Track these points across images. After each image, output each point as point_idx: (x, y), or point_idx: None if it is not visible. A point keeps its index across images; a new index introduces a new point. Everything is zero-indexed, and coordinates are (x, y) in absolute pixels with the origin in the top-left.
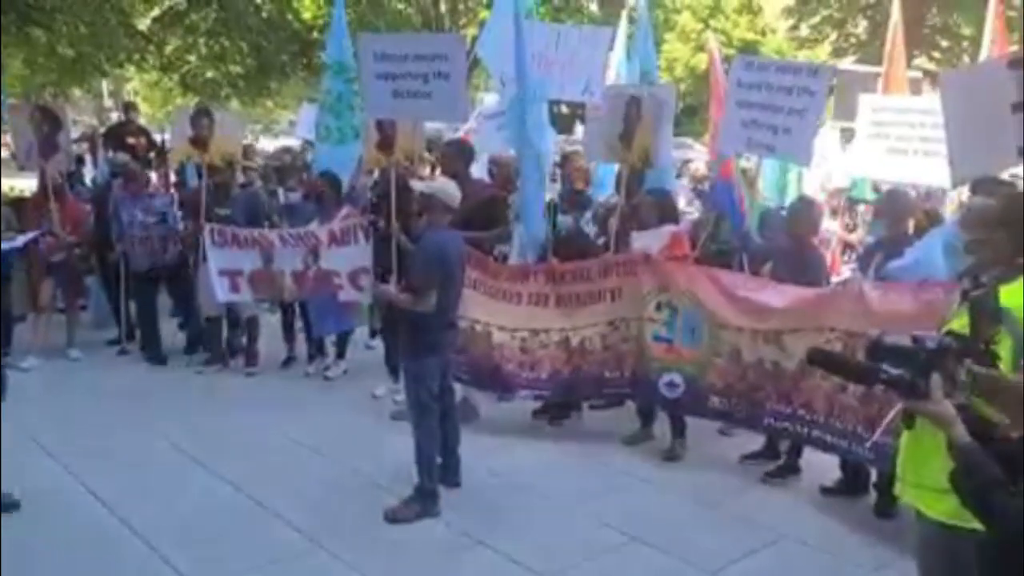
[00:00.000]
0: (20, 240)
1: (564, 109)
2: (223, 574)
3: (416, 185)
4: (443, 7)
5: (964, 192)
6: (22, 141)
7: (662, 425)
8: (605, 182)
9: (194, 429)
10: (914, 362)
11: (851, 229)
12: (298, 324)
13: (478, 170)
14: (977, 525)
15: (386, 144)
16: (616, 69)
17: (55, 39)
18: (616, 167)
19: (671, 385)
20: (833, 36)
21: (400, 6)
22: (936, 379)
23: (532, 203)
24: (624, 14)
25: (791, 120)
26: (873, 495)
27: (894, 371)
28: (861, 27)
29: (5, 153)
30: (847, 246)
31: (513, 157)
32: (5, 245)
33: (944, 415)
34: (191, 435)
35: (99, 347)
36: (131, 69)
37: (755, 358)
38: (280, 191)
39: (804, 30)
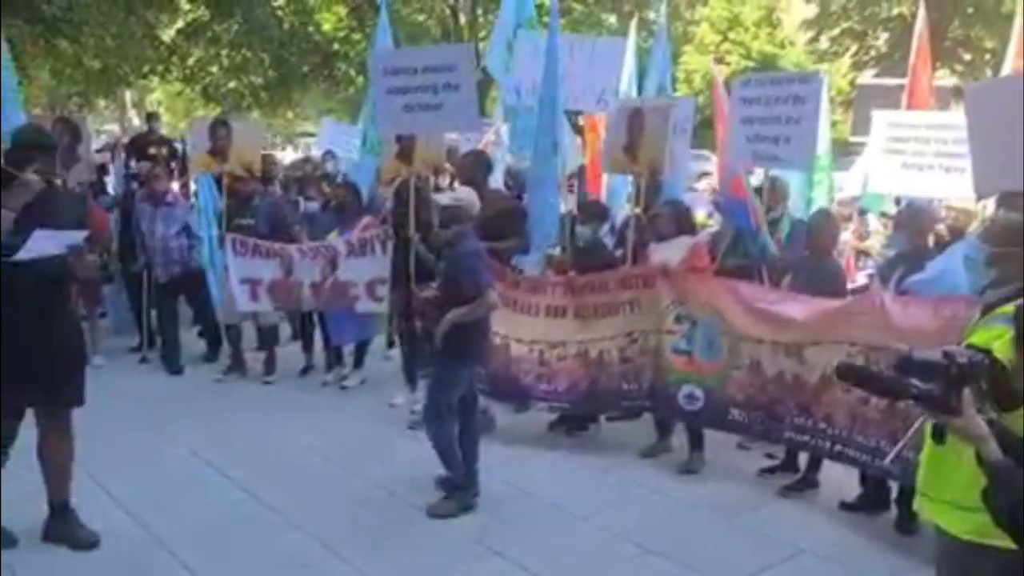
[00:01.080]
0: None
1: (581, 121)
2: None
3: (439, 199)
4: (462, 19)
5: (990, 206)
6: None
7: (680, 438)
8: (618, 194)
9: (213, 436)
10: (945, 377)
11: (863, 237)
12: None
13: (493, 181)
14: (998, 543)
15: (405, 154)
16: (627, 81)
17: (82, 50)
18: (630, 179)
19: (690, 398)
20: (853, 49)
21: (420, 18)
22: (967, 395)
23: (544, 209)
24: (633, 25)
25: (790, 129)
26: (894, 511)
27: (924, 386)
28: (882, 39)
29: None
30: (860, 253)
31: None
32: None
33: (976, 431)
34: (210, 442)
35: (121, 354)
36: (155, 80)
37: (775, 371)
38: (300, 200)
39: (824, 43)
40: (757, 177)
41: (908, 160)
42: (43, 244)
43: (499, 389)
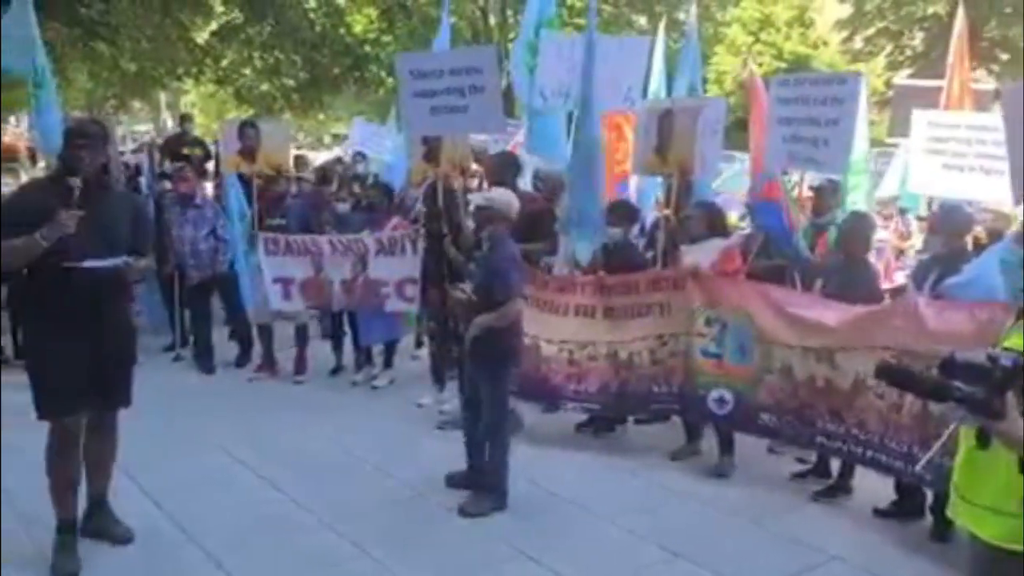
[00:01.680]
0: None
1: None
2: None
3: (473, 198)
4: (492, 20)
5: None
6: None
7: (709, 441)
8: (648, 195)
9: (244, 435)
10: (989, 380)
11: (904, 237)
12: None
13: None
14: None
15: (432, 156)
16: (657, 82)
17: (118, 53)
18: (660, 180)
19: (720, 401)
20: (888, 49)
21: (451, 20)
22: (1011, 398)
23: (588, 209)
24: (661, 26)
25: (827, 131)
26: (929, 518)
27: (968, 388)
28: (918, 39)
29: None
30: (901, 253)
31: (558, 171)
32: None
33: (1019, 434)
34: (241, 440)
35: (154, 353)
36: (188, 82)
37: (806, 376)
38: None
39: (858, 43)
40: (809, 179)
41: (949, 161)
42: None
43: (528, 389)
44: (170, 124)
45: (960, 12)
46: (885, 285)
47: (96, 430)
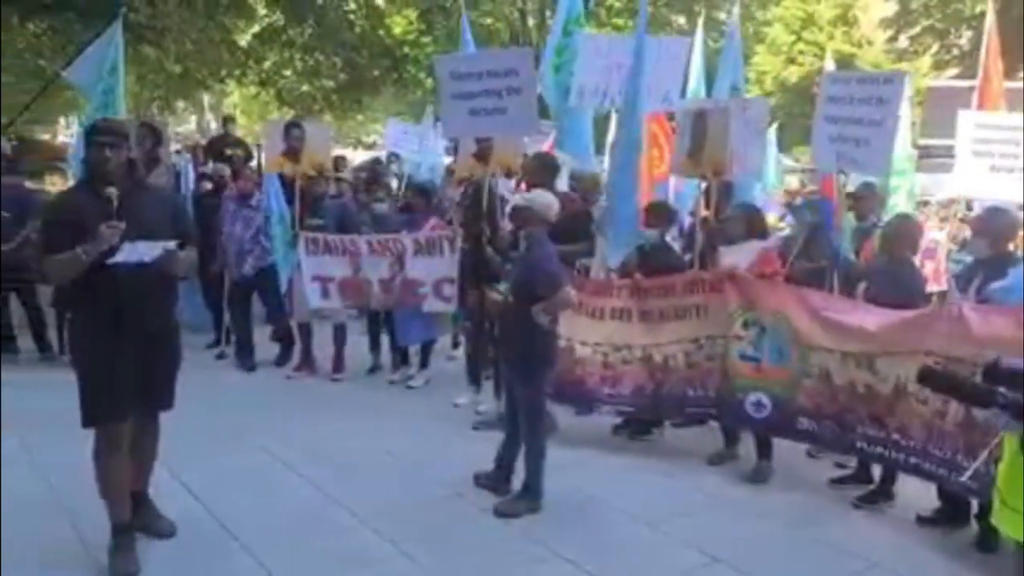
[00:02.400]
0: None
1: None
2: (310, 574)
3: (514, 198)
4: (531, 21)
5: None
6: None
7: (747, 446)
8: (686, 196)
9: (282, 432)
10: None
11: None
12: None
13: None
14: None
15: (482, 155)
16: (696, 82)
17: (164, 56)
18: (698, 182)
19: (758, 405)
20: (935, 48)
21: (488, 21)
22: None
23: (623, 212)
24: (700, 25)
25: (870, 131)
26: (974, 527)
27: (1011, 395)
28: (965, 38)
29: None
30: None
31: (593, 172)
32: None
33: None
34: (280, 438)
35: (195, 350)
36: (231, 83)
37: (846, 380)
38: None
39: (903, 42)
40: (854, 181)
41: (996, 163)
42: (136, 251)
43: (563, 392)
44: (213, 125)
45: (990, 12)
46: (935, 288)
47: (141, 432)
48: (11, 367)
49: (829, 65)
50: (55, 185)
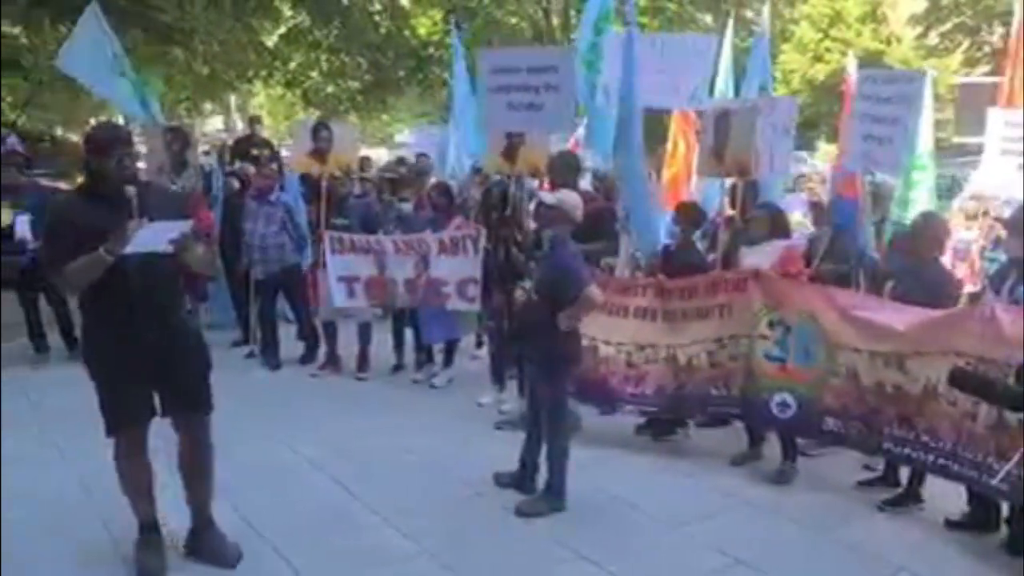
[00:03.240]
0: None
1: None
2: (334, 572)
3: (544, 197)
4: (555, 20)
5: None
6: (153, 159)
7: (771, 446)
8: (711, 196)
9: (307, 430)
10: None
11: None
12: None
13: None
14: None
15: (510, 153)
16: (724, 82)
17: (192, 57)
18: (722, 182)
19: (783, 406)
20: (965, 45)
21: (513, 21)
22: None
23: (640, 209)
24: (730, 24)
25: (891, 130)
26: (1004, 531)
27: None
28: (997, 34)
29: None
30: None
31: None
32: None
33: None
34: (304, 436)
35: (221, 349)
36: (258, 84)
37: (874, 381)
38: (395, 201)
39: (933, 38)
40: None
41: None
42: (147, 239)
43: (586, 391)
44: (240, 126)
45: (1018, 9)
46: (969, 288)
47: (185, 436)
48: (40, 366)
49: (851, 65)
50: None
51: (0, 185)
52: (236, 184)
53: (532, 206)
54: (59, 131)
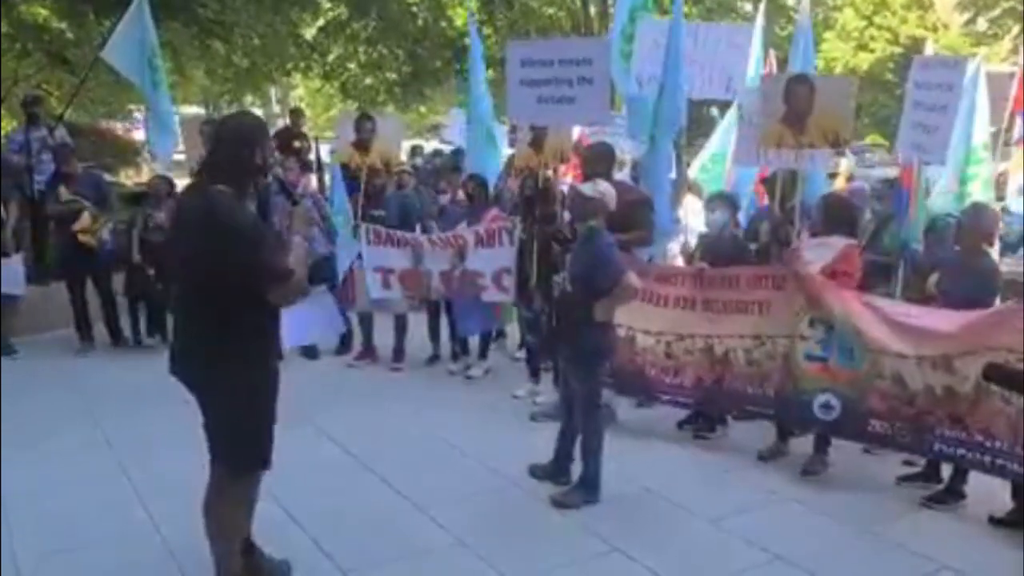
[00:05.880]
0: None
1: (715, 111)
2: (371, 563)
3: (583, 189)
4: (592, 10)
5: None
6: (193, 151)
7: (803, 444)
8: (745, 183)
9: (344, 420)
10: None
11: None
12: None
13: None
14: None
15: (537, 143)
16: (754, 67)
17: (232, 50)
18: (755, 171)
19: (826, 407)
20: (1015, 31)
21: (550, 11)
22: None
23: (658, 195)
24: (761, 9)
25: (936, 118)
26: None
27: None
28: None
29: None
30: None
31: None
32: None
33: None
34: (340, 426)
35: None
36: (297, 77)
37: (922, 385)
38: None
39: (981, 24)
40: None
41: None
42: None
43: (624, 382)
44: (279, 121)
45: None
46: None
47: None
48: (84, 355)
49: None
50: (130, 178)
51: (60, 173)
52: (269, 177)
53: (569, 197)
54: (103, 123)
